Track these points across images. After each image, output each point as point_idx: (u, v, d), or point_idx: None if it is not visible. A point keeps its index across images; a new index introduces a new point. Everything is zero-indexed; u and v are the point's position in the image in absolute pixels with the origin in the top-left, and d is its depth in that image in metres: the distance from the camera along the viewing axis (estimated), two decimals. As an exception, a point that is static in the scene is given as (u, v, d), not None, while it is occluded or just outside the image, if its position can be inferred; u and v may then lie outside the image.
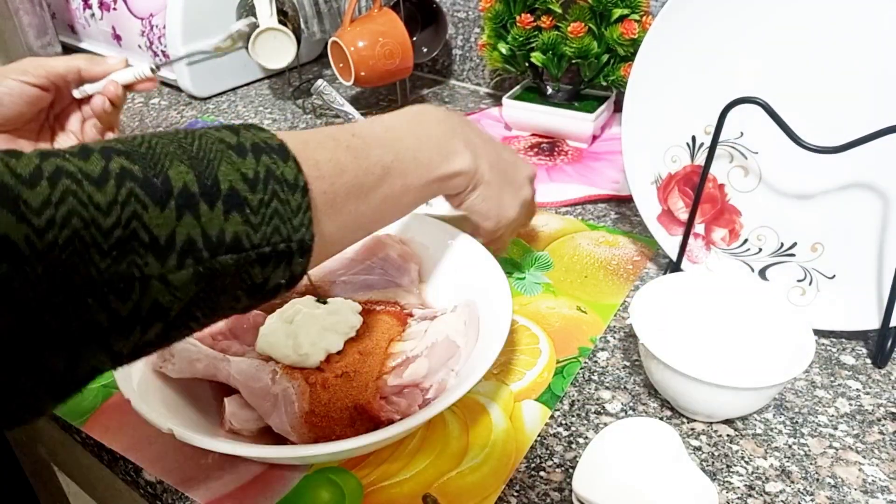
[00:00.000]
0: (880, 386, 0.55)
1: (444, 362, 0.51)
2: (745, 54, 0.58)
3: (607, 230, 0.75)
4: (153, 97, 1.14)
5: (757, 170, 0.60)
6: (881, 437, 0.51)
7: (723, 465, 0.49)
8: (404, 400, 0.50)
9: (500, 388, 0.55)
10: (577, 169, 0.86)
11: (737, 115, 0.56)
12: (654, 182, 0.65)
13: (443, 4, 1.07)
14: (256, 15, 0.96)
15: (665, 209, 0.65)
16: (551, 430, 0.52)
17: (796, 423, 0.52)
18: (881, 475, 0.48)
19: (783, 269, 0.61)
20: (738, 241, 0.63)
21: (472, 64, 1.12)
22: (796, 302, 0.60)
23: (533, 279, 0.67)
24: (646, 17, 0.82)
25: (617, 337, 0.61)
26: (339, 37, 0.97)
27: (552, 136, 0.93)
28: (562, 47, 0.85)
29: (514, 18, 0.87)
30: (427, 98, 1.10)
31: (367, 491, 0.47)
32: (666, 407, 0.53)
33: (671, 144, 0.64)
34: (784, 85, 0.57)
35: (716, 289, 0.56)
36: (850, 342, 0.59)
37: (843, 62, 0.55)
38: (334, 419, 0.49)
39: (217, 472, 0.49)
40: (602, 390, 0.55)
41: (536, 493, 0.47)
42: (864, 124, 0.53)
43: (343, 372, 0.51)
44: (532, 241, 0.73)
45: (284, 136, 0.37)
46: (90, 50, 1.24)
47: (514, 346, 0.59)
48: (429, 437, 0.51)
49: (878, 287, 0.57)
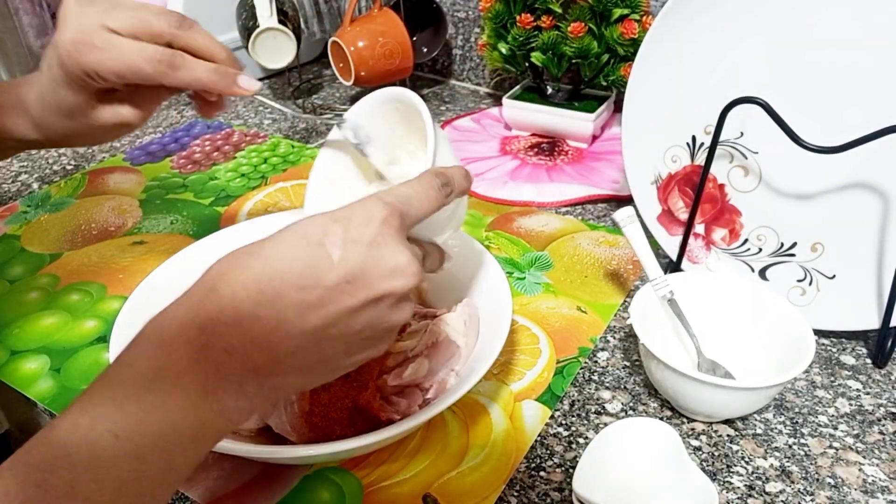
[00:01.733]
0: (880, 386, 0.55)
1: (444, 362, 0.51)
2: (745, 54, 0.58)
3: (607, 230, 0.75)
4: (153, 97, 1.13)
5: (757, 170, 0.60)
6: (881, 437, 0.51)
7: (723, 465, 0.49)
8: (404, 400, 0.50)
9: (500, 388, 0.55)
10: (577, 169, 0.86)
11: (737, 115, 0.56)
12: (654, 182, 0.65)
13: (443, 4, 1.07)
14: (256, 15, 0.96)
15: (665, 209, 0.65)
16: (551, 430, 0.52)
17: (796, 423, 0.52)
18: (881, 475, 0.48)
19: (783, 269, 0.61)
20: (738, 241, 0.63)
21: (472, 64, 1.12)
22: (796, 302, 0.60)
23: (533, 279, 0.67)
24: (646, 17, 0.82)
25: (617, 337, 0.61)
26: (339, 37, 0.97)
27: (552, 136, 0.93)
28: (562, 47, 0.85)
29: (514, 18, 0.87)
30: (427, 98, 1.10)
31: (367, 491, 0.47)
32: (666, 407, 0.53)
33: (671, 144, 0.64)
34: (784, 85, 0.57)
35: (716, 289, 0.56)
36: (850, 342, 0.59)
37: (843, 62, 0.55)
38: (334, 419, 0.49)
39: (217, 472, 0.49)
40: (602, 390, 0.55)
41: (536, 493, 0.47)
42: (864, 124, 0.53)
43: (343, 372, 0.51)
44: (532, 241, 0.73)
45: None
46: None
47: (514, 346, 0.59)
48: (429, 437, 0.51)
49: (878, 287, 0.57)
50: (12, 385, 0.57)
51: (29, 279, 0.70)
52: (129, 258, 0.72)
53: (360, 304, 0.33)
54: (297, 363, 0.32)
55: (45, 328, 0.63)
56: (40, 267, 0.72)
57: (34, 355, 0.60)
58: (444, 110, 1.05)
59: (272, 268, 0.32)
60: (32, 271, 0.71)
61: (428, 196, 0.38)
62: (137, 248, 0.74)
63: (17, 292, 0.68)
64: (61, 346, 0.61)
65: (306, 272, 0.32)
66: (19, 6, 1.07)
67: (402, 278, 0.34)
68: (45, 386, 0.57)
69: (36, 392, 0.56)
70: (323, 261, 0.32)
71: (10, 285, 0.69)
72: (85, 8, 0.44)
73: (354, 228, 0.33)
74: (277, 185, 0.86)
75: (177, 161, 0.93)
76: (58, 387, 0.57)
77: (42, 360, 0.59)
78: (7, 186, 0.87)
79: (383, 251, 0.33)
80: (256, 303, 0.31)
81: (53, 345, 0.61)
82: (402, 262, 0.34)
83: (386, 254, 0.33)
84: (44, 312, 0.65)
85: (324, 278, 0.32)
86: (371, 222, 0.33)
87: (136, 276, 0.69)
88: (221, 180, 0.87)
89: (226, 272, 0.32)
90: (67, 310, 0.65)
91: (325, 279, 0.32)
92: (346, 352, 0.34)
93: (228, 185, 0.86)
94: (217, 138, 0.99)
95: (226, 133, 1.00)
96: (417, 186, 0.37)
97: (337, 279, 0.32)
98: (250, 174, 0.88)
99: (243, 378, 0.31)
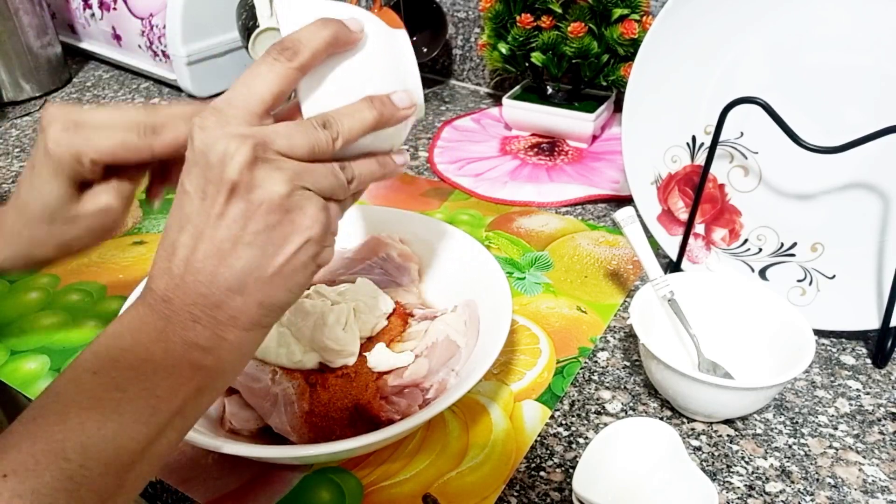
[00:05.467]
0: (880, 386, 0.55)
1: (444, 362, 0.51)
2: (744, 54, 0.58)
3: (607, 230, 0.75)
4: (153, 97, 1.13)
5: (757, 170, 0.60)
6: (881, 437, 0.51)
7: (723, 465, 0.49)
8: (404, 400, 0.50)
9: (500, 388, 0.55)
10: (577, 169, 0.86)
11: (737, 115, 0.56)
12: (654, 182, 0.65)
13: (443, 4, 1.07)
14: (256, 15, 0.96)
15: (665, 209, 0.65)
16: (551, 430, 0.52)
17: (796, 423, 0.52)
18: (881, 475, 0.48)
19: (783, 269, 0.61)
20: (738, 241, 0.63)
21: (472, 64, 1.12)
22: (796, 302, 0.60)
23: (533, 279, 0.67)
24: (646, 17, 0.82)
25: (617, 337, 0.61)
26: (339, 37, 0.97)
27: (552, 136, 0.93)
28: (562, 47, 0.85)
29: (514, 18, 0.87)
30: (426, 97, 1.10)
31: (367, 491, 0.47)
32: (666, 407, 0.53)
33: (671, 144, 0.64)
34: (784, 85, 0.57)
35: (716, 289, 0.56)
36: (850, 342, 0.59)
37: (844, 62, 0.55)
38: (334, 419, 0.49)
39: (217, 472, 0.49)
40: (602, 390, 0.55)
41: (536, 493, 0.47)
42: (864, 124, 0.53)
43: (343, 372, 0.51)
44: (532, 241, 0.73)
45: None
46: (90, 50, 1.24)
47: (514, 346, 0.59)
48: (429, 437, 0.51)
49: (878, 287, 0.57)
50: (12, 385, 0.57)
51: (29, 279, 0.70)
52: (129, 258, 0.72)
53: (219, 207, 0.35)
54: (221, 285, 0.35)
55: (45, 328, 0.63)
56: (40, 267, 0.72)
57: (34, 355, 0.60)
58: (444, 110, 1.05)
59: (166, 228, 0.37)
60: (32, 271, 0.71)
61: (256, 73, 0.36)
62: (137, 248, 0.74)
63: (17, 292, 0.68)
64: (61, 346, 0.61)
65: (177, 213, 0.36)
66: (19, 6, 1.07)
67: (233, 162, 0.34)
68: (44, 386, 0.57)
69: (36, 392, 0.56)
70: (182, 198, 0.36)
71: (10, 285, 0.69)
72: (68, 105, 0.46)
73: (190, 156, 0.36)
74: (277, 185, 0.86)
75: (177, 161, 0.92)
76: (58, 387, 0.57)
77: (42, 360, 0.59)
78: (7, 186, 0.87)
79: (208, 153, 0.34)
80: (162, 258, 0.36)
81: (53, 345, 0.61)
82: (224, 146, 0.34)
83: (210, 152, 0.34)
84: (44, 312, 0.65)
85: (185, 206, 0.35)
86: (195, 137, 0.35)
87: (136, 276, 0.69)
88: (221, 180, 0.87)
89: None
90: (67, 310, 0.65)
91: (187, 207, 0.35)
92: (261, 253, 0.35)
93: (228, 185, 0.86)
94: (217, 138, 0.98)
95: (226, 133, 1.00)
96: (248, 72, 0.36)
97: (193, 201, 0.35)
98: (250, 174, 0.88)
99: (190, 314, 0.35)
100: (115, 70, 1.24)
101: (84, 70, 1.25)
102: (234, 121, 0.35)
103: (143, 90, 1.16)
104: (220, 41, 1.09)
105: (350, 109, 0.37)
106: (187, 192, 0.35)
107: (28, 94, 1.13)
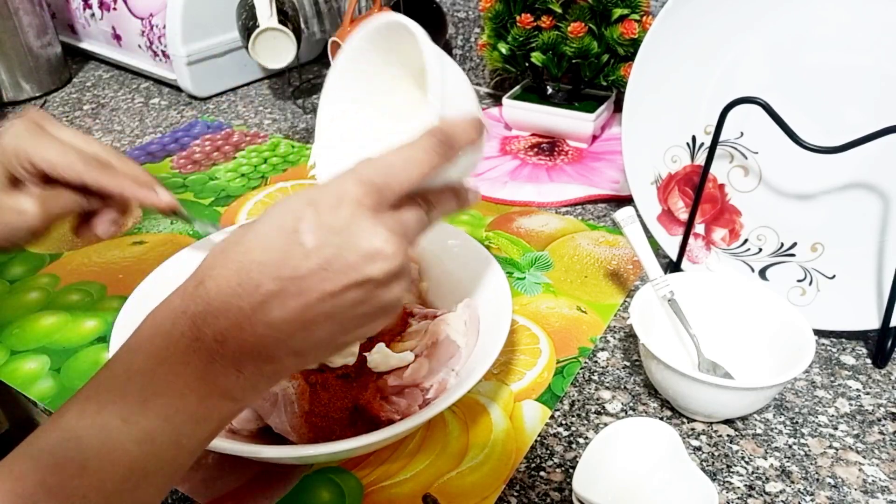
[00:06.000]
0: (880, 386, 0.55)
1: (444, 362, 0.51)
2: (744, 54, 0.58)
3: (607, 230, 0.75)
4: (153, 97, 1.14)
5: (757, 170, 0.60)
6: (881, 437, 0.51)
7: (723, 465, 0.49)
8: (404, 400, 0.50)
9: (500, 388, 0.55)
10: (577, 169, 0.86)
11: (737, 115, 0.56)
12: (654, 182, 0.65)
13: (443, 4, 1.07)
14: (256, 15, 0.96)
15: (665, 209, 0.65)
16: (551, 430, 0.52)
17: (796, 423, 0.52)
18: (881, 475, 0.48)
19: (783, 269, 0.61)
20: (738, 241, 0.63)
21: (472, 64, 1.12)
22: (796, 302, 0.60)
23: (533, 279, 0.67)
24: (646, 17, 0.82)
25: (617, 337, 0.61)
26: (339, 37, 0.97)
27: (552, 136, 0.93)
28: (562, 47, 0.85)
29: (514, 18, 0.87)
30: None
31: (367, 491, 0.47)
32: (666, 407, 0.53)
33: (671, 144, 0.64)
34: (784, 85, 0.57)
35: (716, 289, 0.56)
36: (850, 342, 0.59)
37: (844, 62, 0.55)
38: (334, 419, 0.49)
39: (217, 472, 0.49)
40: (602, 390, 0.55)
41: (536, 493, 0.47)
42: (864, 124, 0.53)
43: (343, 372, 0.51)
44: (532, 241, 0.73)
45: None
46: (90, 50, 1.24)
47: (514, 346, 0.59)
48: (429, 437, 0.51)
49: (878, 287, 0.57)
50: (12, 385, 0.57)
51: (29, 279, 0.70)
52: (129, 258, 0.72)
53: (340, 289, 0.32)
54: (289, 348, 0.33)
55: (44, 328, 0.63)
56: (40, 267, 0.72)
57: (34, 355, 0.60)
58: (444, 110, 1.05)
59: (251, 260, 0.32)
60: (32, 271, 0.71)
61: (418, 160, 0.35)
62: (137, 248, 0.74)
63: (17, 292, 0.68)
64: (61, 346, 0.61)
65: (281, 262, 0.32)
66: (19, 6, 1.07)
67: (380, 262, 0.33)
68: (44, 386, 0.57)
69: (36, 392, 0.56)
70: (296, 249, 0.32)
71: (10, 285, 0.69)
72: (48, 115, 0.48)
73: (326, 212, 0.33)
74: (277, 186, 0.86)
75: (177, 161, 0.93)
76: (58, 387, 0.57)
77: (42, 360, 0.59)
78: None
79: (357, 235, 0.32)
80: (237, 295, 0.32)
81: (53, 345, 0.61)
82: (378, 245, 0.33)
83: (361, 238, 0.32)
84: (44, 312, 0.65)
85: (299, 267, 0.32)
86: (343, 204, 0.33)
87: (136, 276, 0.68)
88: (221, 180, 0.87)
89: (211, 266, 0.33)
90: (67, 310, 0.65)
91: (301, 268, 0.32)
92: (341, 331, 0.34)
93: (228, 185, 0.86)
94: (217, 138, 0.99)
95: (226, 133, 1.00)
96: (408, 151, 0.35)
97: (312, 267, 0.32)
98: (250, 174, 0.89)
99: (238, 363, 0.32)
100: (115, 70, 1.24)
101: (84, 70, 1.25)
102: (384, 208, 0.34)
103: (143, 90, 1.16)
104: (220, 41, 1.09)
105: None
106: (305, 247, 0.32)
107: (28, 94, 1.13)
